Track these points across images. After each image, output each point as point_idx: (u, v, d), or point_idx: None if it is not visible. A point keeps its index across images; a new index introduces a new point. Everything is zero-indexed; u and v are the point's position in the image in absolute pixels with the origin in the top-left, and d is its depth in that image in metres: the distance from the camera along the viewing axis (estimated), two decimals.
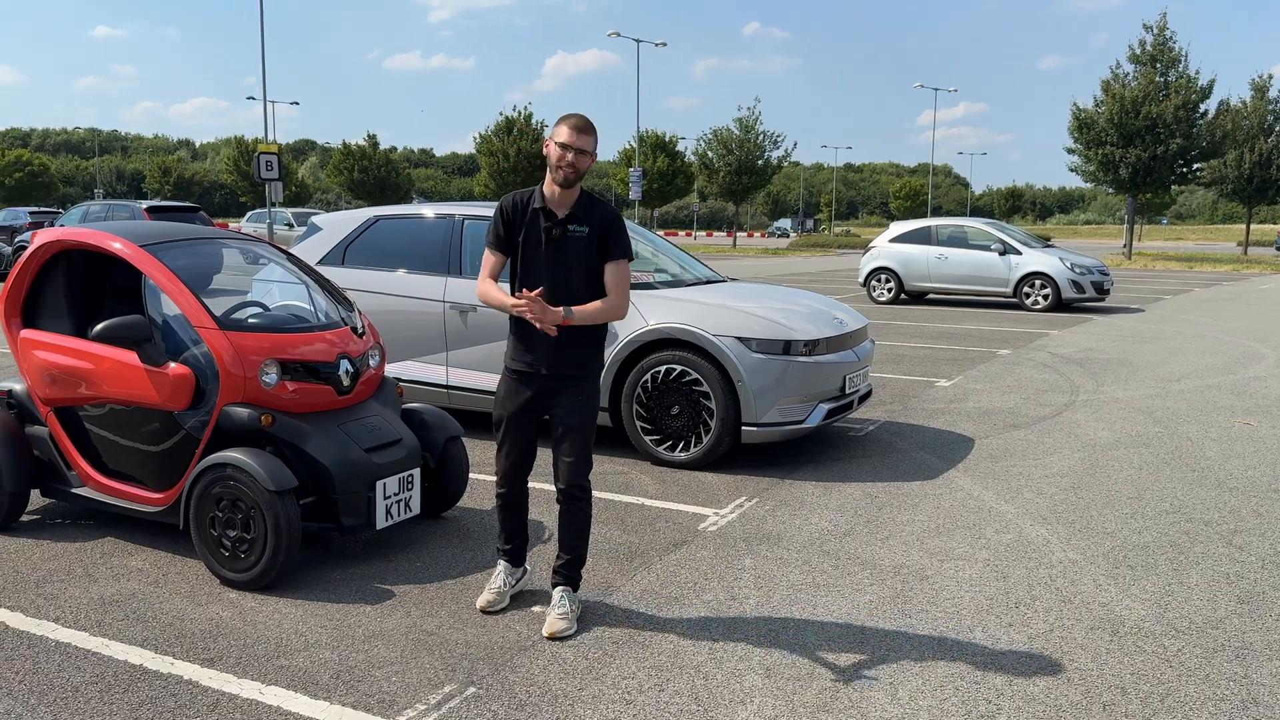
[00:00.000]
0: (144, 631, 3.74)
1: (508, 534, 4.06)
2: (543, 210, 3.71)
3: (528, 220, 3.73)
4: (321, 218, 7.83)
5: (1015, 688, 3.36)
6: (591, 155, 3.68)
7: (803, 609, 4.02)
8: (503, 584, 4.04)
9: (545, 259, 3.72)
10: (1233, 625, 3.90)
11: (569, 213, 3.71)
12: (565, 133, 3.64)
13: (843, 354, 6.41)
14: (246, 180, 60.63)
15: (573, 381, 3.80)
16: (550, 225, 3.70)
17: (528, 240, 3.73)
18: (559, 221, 3.70)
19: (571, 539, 3.88)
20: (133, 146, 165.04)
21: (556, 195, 3.71)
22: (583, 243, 3.72)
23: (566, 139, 3.62)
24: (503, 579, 4.05)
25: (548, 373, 3.77)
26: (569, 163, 3.63)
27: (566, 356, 3.77)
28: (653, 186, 50.69)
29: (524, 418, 3.86)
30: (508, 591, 4.05)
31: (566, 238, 3.70)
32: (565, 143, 3.62)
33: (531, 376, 3.79)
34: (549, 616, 3.80)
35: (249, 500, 4.06)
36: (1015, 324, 15.01)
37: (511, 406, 3.85)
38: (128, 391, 4.45)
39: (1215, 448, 6.91)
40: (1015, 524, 5.15)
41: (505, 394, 3.87)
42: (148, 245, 4.56)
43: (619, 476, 5.99)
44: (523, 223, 3.73)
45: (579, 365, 3.80)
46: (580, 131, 3.64)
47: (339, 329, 4.71)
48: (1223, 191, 41.61)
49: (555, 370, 3.77)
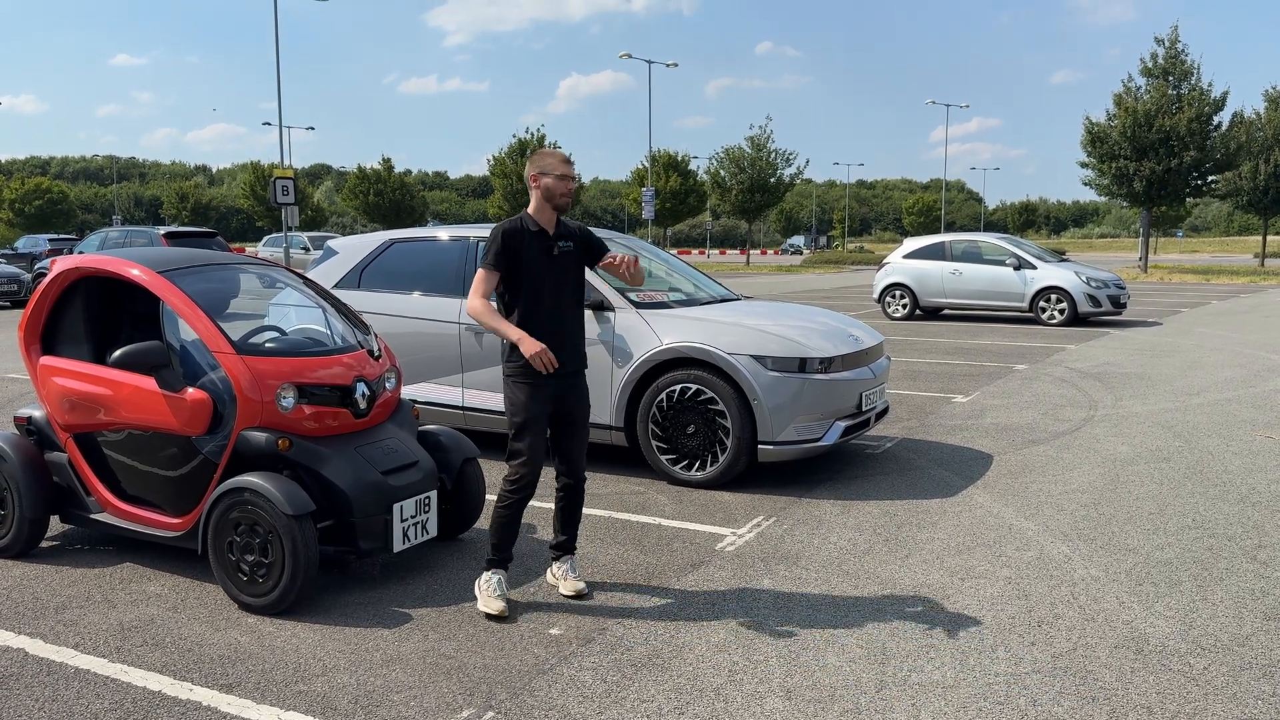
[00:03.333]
0: (163, 657, 3.74)
1: (514, 538, 4.26)
2: (538, 233, 4.16)
3: (525, 244, 4.12)
4: (337, 241, 7.88)
5: (1039, 709, 3.31)
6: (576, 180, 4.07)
7: (823, 629, 3.99)
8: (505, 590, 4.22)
9: (544, 274, 4.15)
10: (1259, 642, 3.84)
11: (557, 232, 4.21)
12: (561, 166, 4.17)
13: (859, 371, 6.39)
14: (263, 205, 61.09)
15: (581, 376, 4.30)
16: (550, 245, 4.17)
17: (528, 261, 4.12)
18: (554, 241, 4.17)
19: (576, 520, 4.42)
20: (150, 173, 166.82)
21: (546, 220, 4.19)
22: (572, 255, 4.25)
23: (566, 171, 4.17)
24: (503, 585, 4.22)
25: (568, 369, 4.19)
26: (569, 190, 4.17)
27: (579, 352, 4.27)
28: (665, 206, 50.84)
29: (544, 418, 4.17)
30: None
31: (561, 254, 4.19)
32: (565, 174, 4.16)
33: (551, 375, 4.11)
34: (569, 582, 4.35)
35: (267, 524, 4.06)
36: (1031, 339, 14.94)
37: (536, 408, 4.14)
38: (146, 417, 4.47)
39: (1237, 461, 6.83)
40: (1036, 541, 5.10)
41: (528, 398, 4.13)
42: (165, 271, 4.59)
43: (635, 496, 5.97)
44: (521, 246, 4.12)
45: (584, 359, 4.31)
46: (569, 163, 4.21)
47: (355, 352, 4.73)
48: (1238, 203, 41.38)
49: (575, 366, 4.24)
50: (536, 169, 4.17)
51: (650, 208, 43.65)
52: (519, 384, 4.13)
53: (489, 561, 4.25)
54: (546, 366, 3.96)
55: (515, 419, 4.14)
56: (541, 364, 3.95)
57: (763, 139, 47.80)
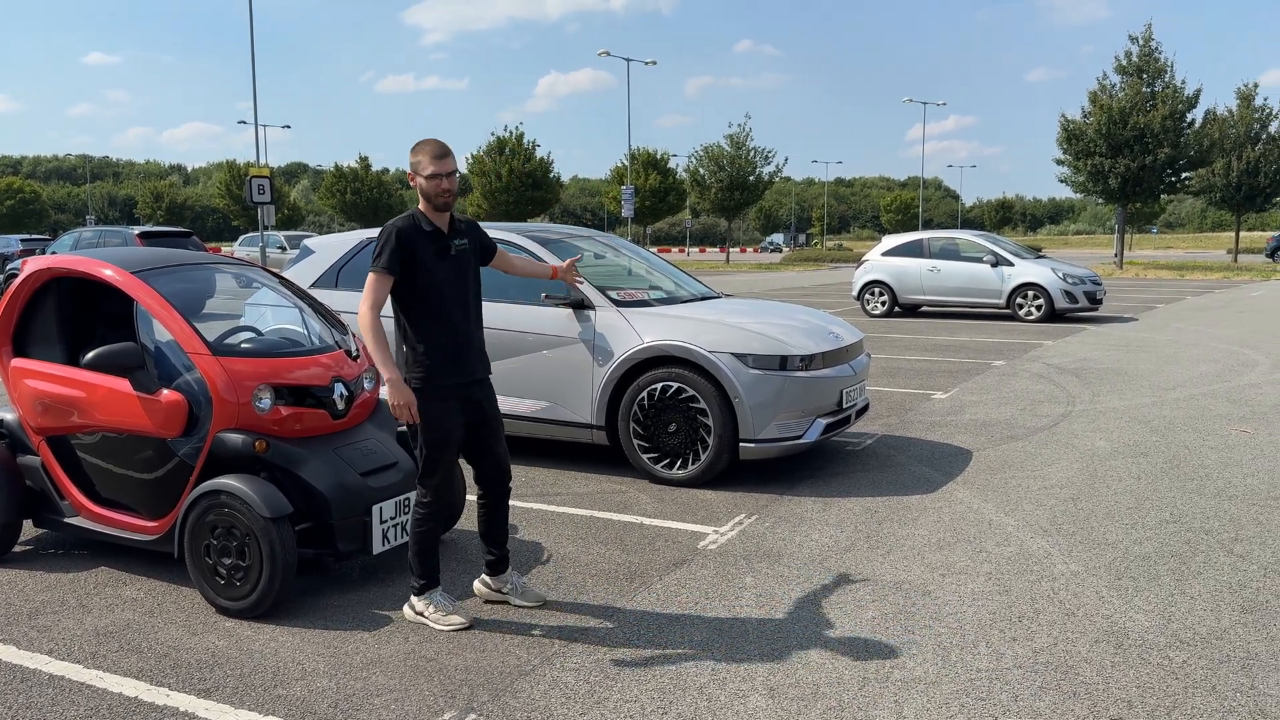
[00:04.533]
0: (139, 662, 3.69)
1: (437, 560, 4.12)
2: (433, 233, 3.94)
3: (420, 244, 3.90)
4: (314, 240, 7.81)
5: (1021, 704, 3.32)
6: (457, 172, 3.96)
7: (805, 627, 3.99)
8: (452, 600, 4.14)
9: (445, 276, 3.94)
10: (1237, 635, 3.87)
11: (451, 230, 4.01)
12: (432, 164, 3.87)
13: (839, 368, 6.40)
14: (238, 204, 60.60)
15: (489, 380, 4.14)
16: (447, 245, 3.96)
17: (426, 263, 3.89)
18: (449, 240, 3.98)
19: (506, 530, 4.26)
20: (124, 172, 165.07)
21: (438, 218, 3.97)
22: (468, 253, 4.06)
23: (437, 169, 3.87)
24: (449, 598, 4.12)
25: (481, 376, 4.07)
26: (445, 189, 3.89)
27: (485, 356, 4.13)
28: (645, 204, 50.81)
29: (459, 431, 4.00)
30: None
31: (458, 253, 4.00)
32: (437, 172, 3.87)
33: (466, 385, 3.99)
34: (528, 593, 4.23)
35: (244, 527, 4.02)
36: (1009, 335, 15.03)
37: (450, 423, 3.94)
38: (120, 419, 4.41)
39: (1213, 456, 6.90)
40: (1016, 536, 5.13)
41: (441, 413, 3.91)
42: (139, 271, 4.53)
43: (617, 495, 5.95)
44: (416, 246, 3.89)
45: (489, 362, 4.17)
46: (443, 158, 3.89)
47: (333, 352, 4.68)
48: (1211, 200, 41.84)
49: (484, 372, 4.10)
50: (410, 166, 3.93)
51: (630, 206, 43.64)
52: (432, 400, 3.87)
53: (420, 586, 4.02)
54: (405, 419, 3.78)
55: (429, 437, 3.89)
56: (403, 414, 3.77)
57: (742, 137, 47.89)
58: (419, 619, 4.04)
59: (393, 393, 3.77)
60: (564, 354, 6.38)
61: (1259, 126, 39.90)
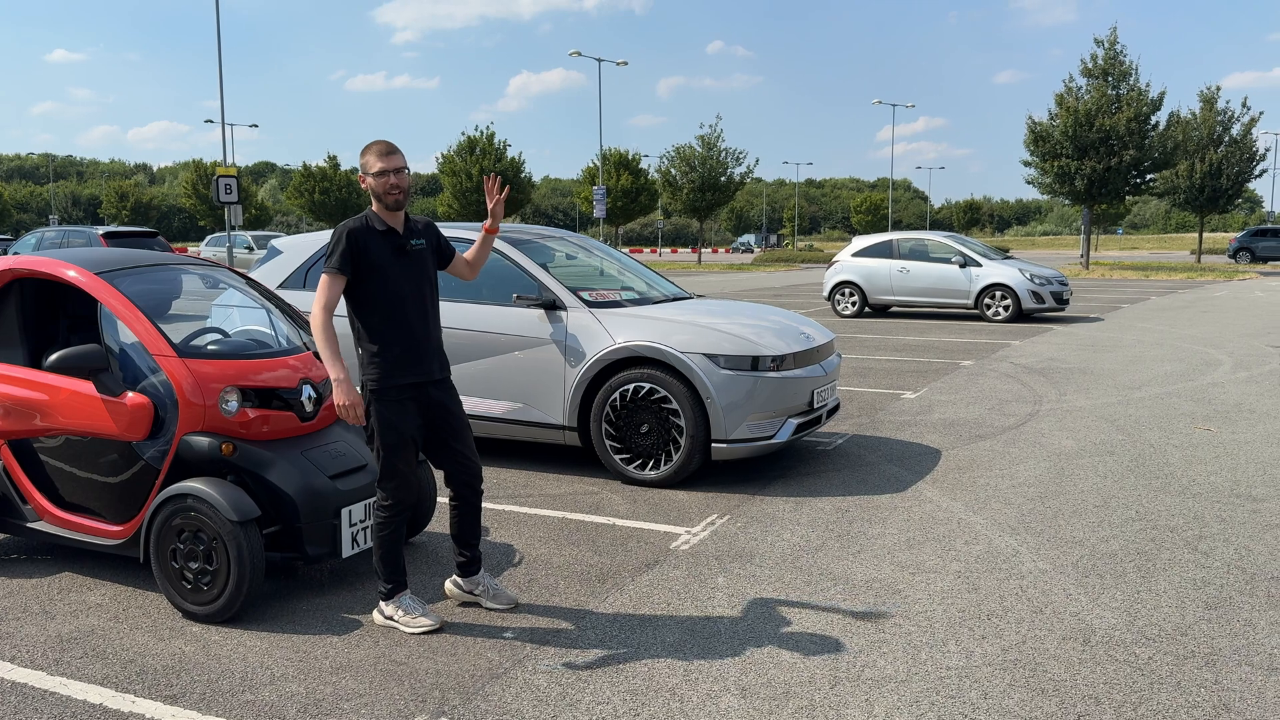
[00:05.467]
0: (104, 669, 3.64)
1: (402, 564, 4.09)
2: (386, 233, 3.91)
3: (373, 244, 3.86)
4: (282, 241, 7.74)
5: (991, 701, 3.35)
6: (407, 170, 3.91)
7: (777, 626, 4.00)
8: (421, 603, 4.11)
9: (400, 276, 3.91)
10: (1201, 631, 3.93)
11: (406, 229, 3.97)
12: (378, 161, 3.85)
13: (810, 369, 6.42)
14: (205, 204, 59.94)
15: (449, 379, 4.10)
16: (402, 244, 3.92)
17: (379, 263, 3.86)
18: (404, 239, 3.94)
19: (478, 531, 4.22)
20: (88, 171, 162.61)
21: (391, 218, 3.94)
22: (424, 253, 4.03)
23: (384, 165, 3.84)
24: (417, 600, 4.10)
25: (440, 376, 4.02)
26: (393, 185, 3.86)
27: (444, 356, 4.09)
28: (617, 204, 50.81)
29: (417, 433, 3.98)
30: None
31: (414, 252, 3.96)
32: (384, 169, 3.84)
33: (423, 385, 3.96)
34: (499, 596, 4.20)
35: (211, 531, 3.97)
36: (977, 335, 15.17)
37: (407, 426, 3.91)
38: (84, 422, 4.35)
39: (1177, 454, 6.99)
40: (985, 535, 5.17)
41: (397, 415, 3.89)
42: (103, 272, 4.47)
43: (589, 497, 5.95)
44: (369, 246, 3.86)
45: (448, 363, 4.14)
46: (390, 154, 3.87)
47: (301, 354, 4.64)
48: (1175, 201, 42.44)
49: (444, 372, 4.06)
50: (360, 168, 3.92)
51: (601, 206, 43.59)
52: (386, 401, 3.85)
53: (388, 591, 4.00)
54: (350, 420, 3.78)
55: (385, 439, 3.85)
56: (348, 416, 3.76)
57: (713, 138, 47.97)
58: (389, 623, 4.01)
59: (338, 393, 3.76)
60: (535, 355, 6.36)
61: (1221, 129, 40.54)
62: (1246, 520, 5.41)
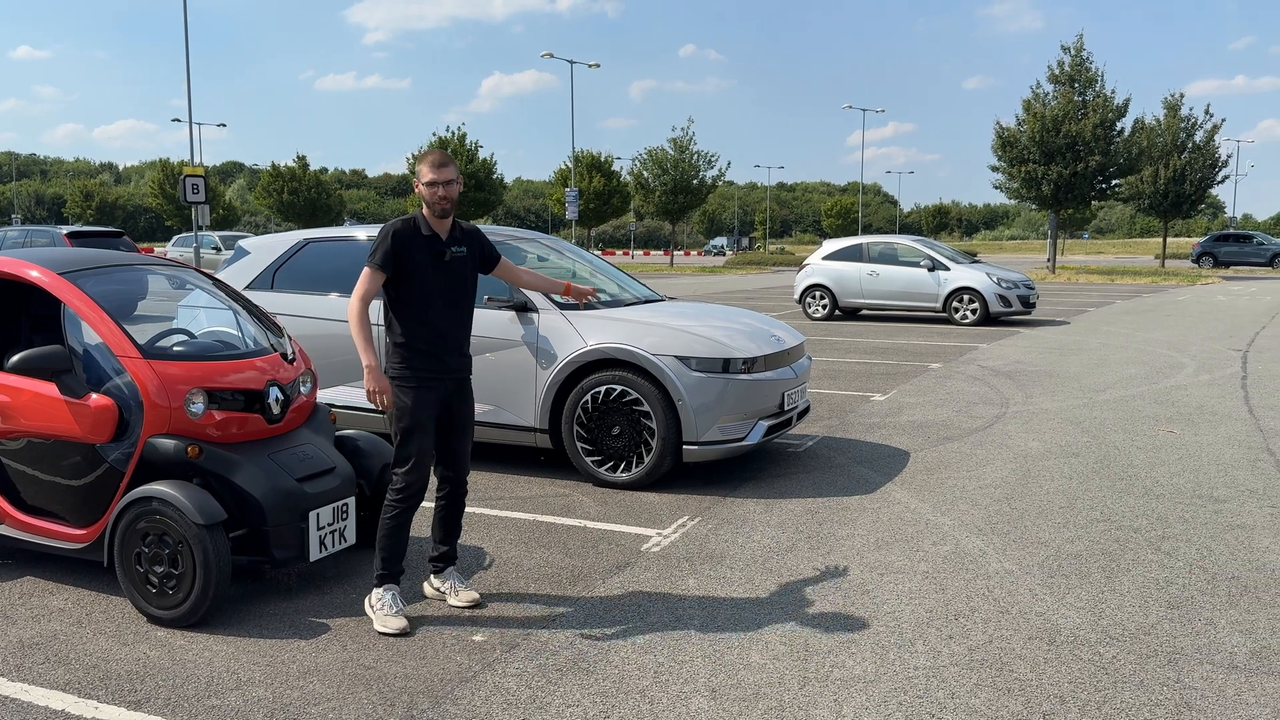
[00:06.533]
0: (66, 675, 3.59)
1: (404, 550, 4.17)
2: (430, 238, 4.07)
3: (415, 247, 4.03)
4: (249, 241, 7.67)
5: (958, 701, 3.38)
6: (458, 182, 4.08)
7: (747, 628, 4.01)
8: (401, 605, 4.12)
9: (435, 279, 4.06)
10: (1164, 631, 3.99)
11: (450, 237, 4.12)
12: (430, 172, 4.04)
13: (781, 371, 6.45)
14: (172, 204, 59.20)
15: (468, 380, 4.24)
16: (442, 250, 4.07)
17: (418, 265, 4.03)
18: (446, 246, 4.09)
19: (458, 528, 4.34)
20: (53, 170, 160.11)
21: (438, 224, 4.10)
22: (465, 260, 4.17)
23: (434, 176, 4.03)
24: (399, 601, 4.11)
25: (458, 373, 4.15)
26: (441, 196, 4.03)
27: (467, 357, 4.22)
28: (589, 206, 50.75)
29: (431, 422, 4.08)
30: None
31: (453, 259, 4.11)
32: (434, 179, 4.02)
33: (443, 380, 4.08)
34: (463, 593, 4.25)
35: (176, 534, 3.93)
36: (945, 338, 15.30)
37: (424, 413, 4.04)
38: (47, 424, 4.28)
39: (1141, 456, 7.09)
40: (952, 536, 5.22)
41: (415, 401, 4.03)
42: (67, 273, 4.40)
43: (560, 499, 5.94)
44: (411, 248, 4.03)
45: (470, 363, 4.25)
46: (441, 166, 4.05)
47: (268, 355, 4.60)
48: (1140, 206, 43.03)
49: (464, 371, 4.19)
50: (414, 174, 4.12)
51: (574, 208, 43.55)
52: (405, 388, 4.02)
53: (380, 577, 4.07)
54: (379, 404, 3.95)
55: (401, 424, 4.03)
56: (376, 401, 3.94)
57: (685, 141, 48.10)
58: (369, 609, 4.08)
59: (369, 378, 3.92)
60: (507, 357, 6.34)
61: (1185, 135, 41.17)
62: (1209, 521, 5.49)
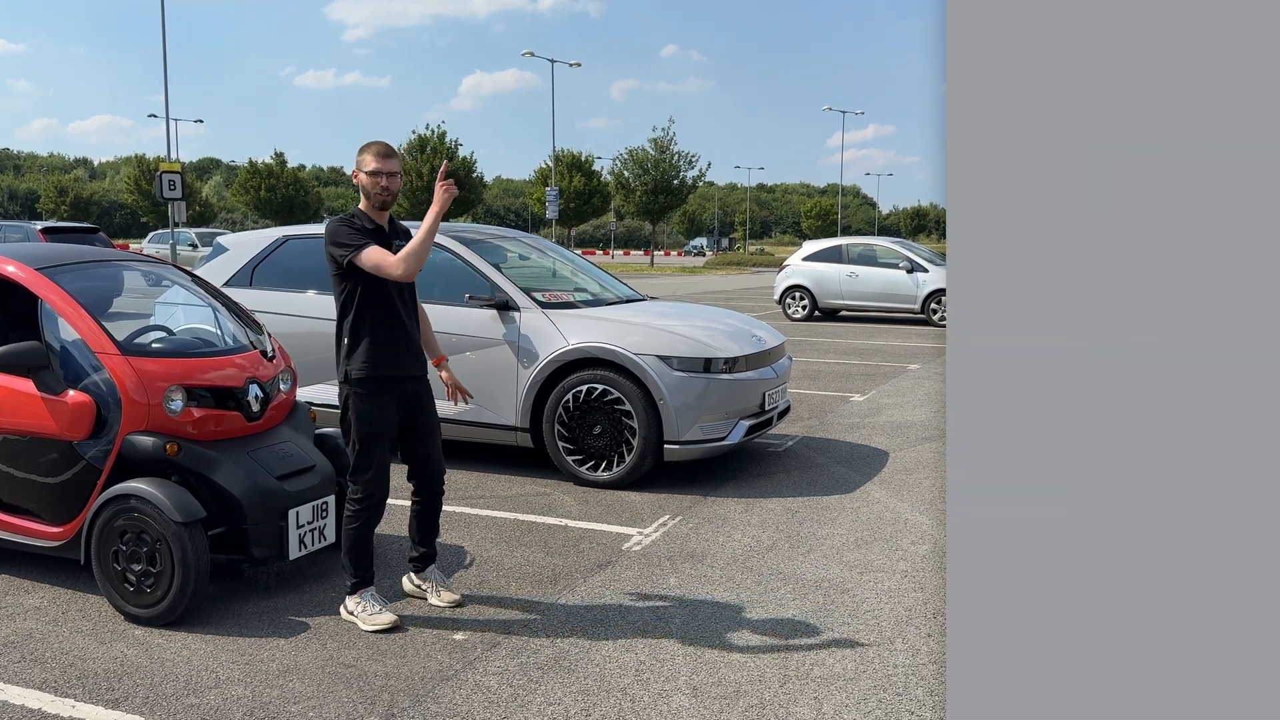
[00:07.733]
0: (42, 674, 3.55)
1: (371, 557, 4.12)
2: (374, 230, 3.98)
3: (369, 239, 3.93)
4: (228, 238, 7.62)
5: (937, 698, 3.41)
6: (399, 175, 4.01)
7: (728, 626, 4.03)
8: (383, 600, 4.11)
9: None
10: None
11: (391, 230, 4.07)
12: (374, 161, 3.94)
13: (762, 371, 6.48)
14: (148, 200, 58.73)
15: (426, 380, 4.16)
16: (387, 243, 3.97)
17: None
18: (390, 239, 4.01)
19: (436, 528, 4.31)
20: (26, 165, 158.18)
21: (377, 217, 4.03)
22: None
23: (379, 166, 3.93)
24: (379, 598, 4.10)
25: (416, 374, 4.08)
26: (383, 187, 3.95)
27: (423, 356, 4.17)
28: (570, 206, 50.74)
29: (392, 428, 4.03)
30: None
31: (396, 251, 3.93)
32: (379, 169, 3.93)
33: (402, 380, 4.01)
34: (445, 593, 4.22)
35: (154, 532, 3.90)
36: (924, 339, 15.40)
37: (384, 420, 3.97)
38: (23, 421, 4.24)
39: None
40: (930, 535, 5.26)
41: (375, 408, 3.94)
42: (43, 268, 4.36)
43: (541, 498, 5.93)
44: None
45: (426, 363, 4.19)
46: (387, 157, 3.96)
47: (247, 353, 4.57)
48: None
49: (421, 370, 4.11)
50: (355, 164, 4.00)
51: (554, 208, 43.52)
52: (363, 395, 3.91)
53: (354, 585, 4.02)
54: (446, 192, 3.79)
55: (361, 432, 3.91)
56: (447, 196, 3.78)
57: (666, 141, 48.20)
58: (350, 619, 4.01)
59: (439, 197, 3.79)
60: (488, 356, 6.33)
61: None
62: None
